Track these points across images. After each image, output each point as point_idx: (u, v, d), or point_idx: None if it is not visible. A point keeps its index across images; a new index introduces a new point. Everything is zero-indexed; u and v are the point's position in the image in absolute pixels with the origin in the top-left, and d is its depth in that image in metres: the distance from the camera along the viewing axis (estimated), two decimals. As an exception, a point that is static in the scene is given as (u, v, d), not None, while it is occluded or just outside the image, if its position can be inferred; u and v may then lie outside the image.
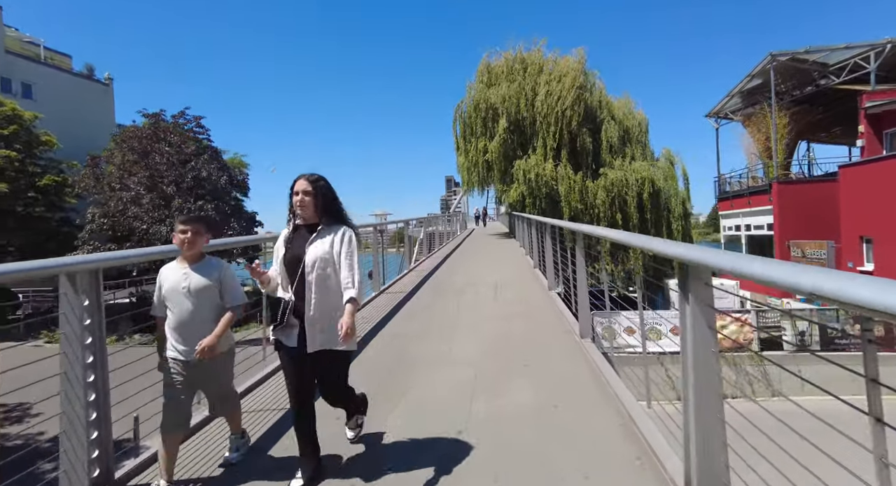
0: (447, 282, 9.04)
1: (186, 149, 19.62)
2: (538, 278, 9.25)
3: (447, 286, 8.47)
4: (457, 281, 9.03)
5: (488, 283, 8.65)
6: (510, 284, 8.62)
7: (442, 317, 6.02)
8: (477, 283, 8.69)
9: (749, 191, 18.49)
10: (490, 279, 9.15)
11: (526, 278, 9.43)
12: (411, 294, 7.88)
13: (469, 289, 8.07)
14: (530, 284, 8.62)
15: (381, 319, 6.03)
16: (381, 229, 12.64)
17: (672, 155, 21.72)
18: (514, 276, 9.67)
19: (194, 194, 19.08)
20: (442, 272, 10.62)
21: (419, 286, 8.66)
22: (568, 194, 20.34)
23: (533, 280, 9.03)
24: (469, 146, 21.85)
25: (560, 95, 20.87)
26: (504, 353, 4.49)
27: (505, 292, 7.76)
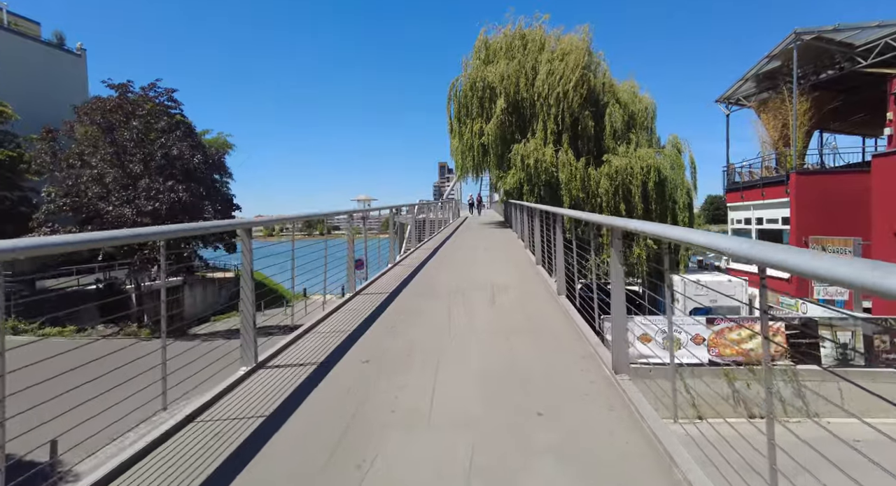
0: (436, 281, 7.73)
1: (156, 124, 17.99)
2: (542, 277, 7.97)
3: (436, 287, 7.15)
4: (447, 280, 7.71)
5: (483, 283, 7.35)
6: (509, 285, 7.33)
7: (426, 332, 4.71)
8: (470, 283, 7.39)
9: (763, 182, 17.30)
10: (485, 278, 7.85)
11: (527, 277, 8.14)
12: (392, 297, 6.56)
13: (461, 291, 6.76)
14: (533, 285, 7.32)
15: (349, 334, 4.70)
16: (364, 216, 11.30)
17: (679, 142, 20.40)
18: (514, 274, 8.38)
19: (164, 174, 17.51)
20: (431, 267, 9.31)
21: (403, 286, 7.34)
22: (569, 182, 19.02)
23: (536, 280, 7.74)
24: (464, 128, 20.38)
25: (563, 74, 19.42)
26: (509, 394, 3.20)
27: (503, 296, 6.46)
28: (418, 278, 8.03)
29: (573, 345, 4.26)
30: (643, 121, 20.99)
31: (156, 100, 18.79)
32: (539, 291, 6.87)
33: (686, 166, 20.00)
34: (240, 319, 3.79)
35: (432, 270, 9.00)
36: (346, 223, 7.19)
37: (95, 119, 17.20)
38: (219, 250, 22.69)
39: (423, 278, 8.05)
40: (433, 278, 7.99)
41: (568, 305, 5.91)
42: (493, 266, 9.37)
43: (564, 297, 6.33)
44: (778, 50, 16.06)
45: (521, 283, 7.58)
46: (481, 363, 3.77)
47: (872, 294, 1.03)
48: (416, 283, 7.63)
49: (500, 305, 5.94)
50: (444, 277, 8.14)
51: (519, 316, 5.29)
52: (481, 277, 8.05)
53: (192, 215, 18.71)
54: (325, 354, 4.08)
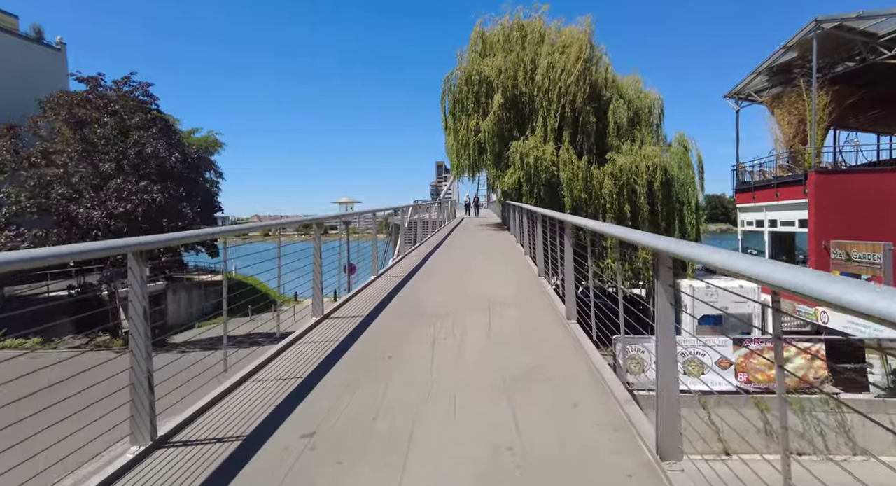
0: (424, 298, 6.62)
1: (130, 120, 16.81)
2: (545, 291, 6.88)
3: (422, 307, 6.04)
4: (436, 297, 6.61)
5: (479, 300, 6.26)
6: (509, 302, 6.23)
7: (399, 385, 3.58)
8: (462, 301, 6.29)
9: (777, 181, 16.24)
10: (481, 292, 6.76)
11: (529, 290, 7.05)
12: (367, 322, 5.45)
13: (451, 313, 5.66)
14: (537, 303, 6.23)
15: (296, 386, 3.58)
16: (347, 222, 10.24)
17: (686, 140, 19.36)
18: (513, 286, 7.29)
19: (138, 173, 16.33)
20: (420, 279, 8.20)
21: (383, 305, 6.23)
22: (570, 182, 17.94)
23: (539, 296, 6.65)
24: (459, 125, 19.26)
25: (564, 68, 18.33)
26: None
27: (502, 320, 5.36)
28: (403, 294, 6.92)
29: (596, 408, 3.15)
30: (648, 117, 19.94)
31: (130, 94, 17.63)
32: (544, 312, 5.77)
33: (694, 165, 18.95)
34: (130, 390, 2.67)
35: (421, 282, 7.89)
36: (316, 230, 6.07)
37: (62, 114, 16.03)
38: (201, 253, 21.52)
39: (409, 294, 6.94)
40: (421, 294, 6.89)
41: (580, 333, 4.82)
42: (490, 276, 8.28)
43: (575, 323, 5.24)
44: (795, 40, 15.00)
45: (522, 299, 6.49)
46: (470, 443, 2.66)
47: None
48: (399, 301, 6.52)
49: (498, 335, 4.83)
50: (433, 292, 7.04)
51: (522, 355, 4.18)
52: (477, 291, 6.95)
53: (169, 218, 17.57)
54: (252, 421, 2.97)
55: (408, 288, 7.37)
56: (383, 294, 6.90)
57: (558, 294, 6.90)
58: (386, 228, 22.17)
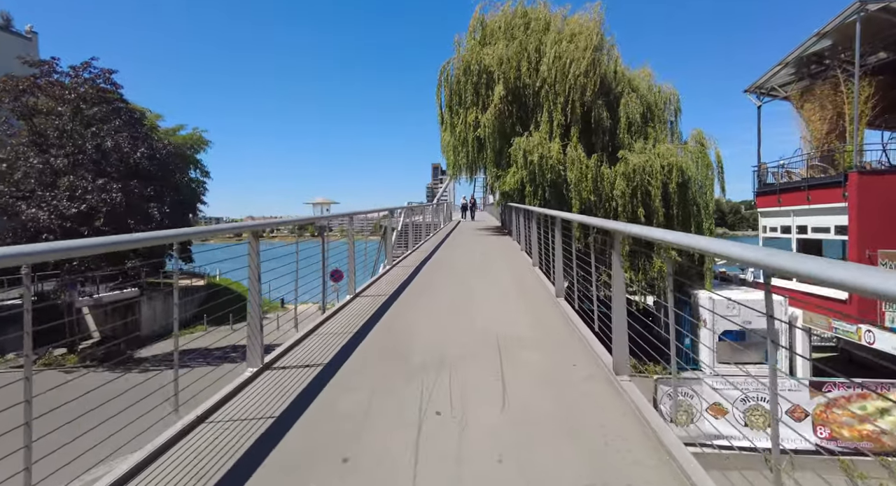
0: (408, 334, 4.91)
1: (89, 110, 15.04)
2: (568, 320, 5.22)
3: (405, 350, 4.34)
4: (425, 333, 4.91)
5: (483, 337, 4.59)
6: (525, 339, 4.56)
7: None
8: (461, 338, 4.61)
9: (808, 183, 14.65)
10: (485, 323, 5.10)
11: (548, 319, 5.37)
12: (325, 376, 3.75)
13: (446, 362, 3.97)
14: (564, 343, 4.55)
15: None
16: (323, 226, 8.54)
17: (703, 137, 17.76)
18: (526, 314, 5.61)
19: (95, 169, 14.55)
20: (406, 301, 6.50)
21: (352, 345, 4.53)
22: (579, 182, 16.30)
23: (563, 329, 4.97)
24: (456, 120, 17.59)
25: (573, 58, 16.70)
26: None
27: (520, 374, 3.70)
28: (384, 326, 5.21)
29: None
30: (662, 113, 18.35)
31: (91, 82, 15.87)
32: (578, 357, 4.08)
33: (713, 165, 17.37)
34: None
35: (408, 305, 6.18)
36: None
37: (5, 102, 14.24)
38: (173, 258, 19.64)
39: (392, 325, 5.23)
40: (406, 325, 5.18)
41: (641, 401, 3.16)
42: (494, 296, 6.58)
43: (629, 380, 3.58)
44: (832, 26, 13.45)
45: (541, 334, 4.81)
46: None
47: None
48: (377, 337, 4.81)
49: (519, 405, 3.14)
50: (423, 322, 5.33)
51: (567, 458, 2.48)
52: (480, 319, 5.27)
53: (136, 219, 15.80)
54: None
55: (391, 315, 5.66)
56: (357, 325, 5.20)
57: (584, 320, 5.25)
58: (380, 230, 20.51)
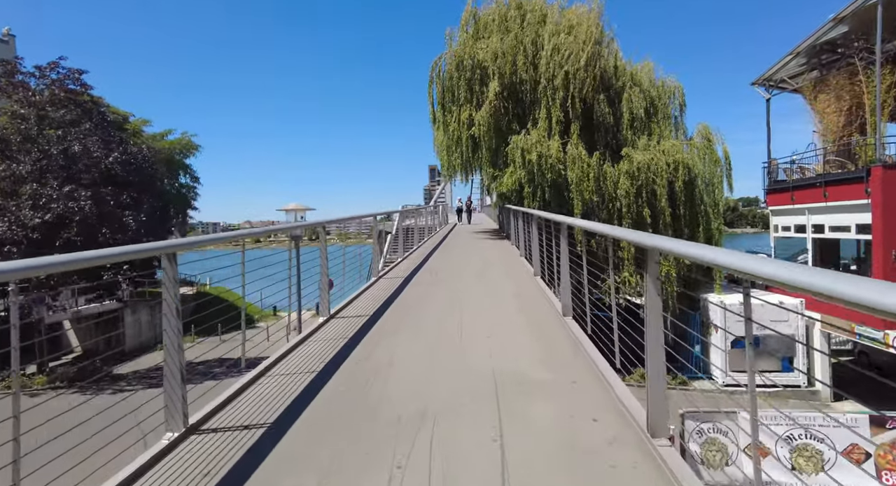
0: (383, 378, 3.94)
1: (55, 113, 14.07)
2: (581, 350, 4.28)
3: (375, 401, 3.38)
4: (404, 376, 3.96)
5: (475, 379, 3.65)
6: (530, 384, 3.62)
7: None
8: (449, 382, 3.66)
9: (825, 179, 13.75)
10: (478, 358, 4.16)
11: (557, 348, 4.42)
12: (265, 449, 2.79)
13: (427, 419, 3.03)
14: (580, 383, 3.60)
15: None
16: (295, 236, 7.58)
17: (710, 132, 16.91)
18: (530, 343, 4.66)
19: (63, 176, 13.58)
20: (386, 328, 5.54)
21: (311, 392, 3.57)
22: (580, 182, 15.40)
23: (576, 362, 4.02)
24: (449, 118, 16.66)
25: (571, 51, 15.82)
26: None
27: (527, 438, 2.74)
28: (352, 363, 4.25)
29: None
30: (666, 108, 17.49)
31: (60, 83, 14.88)
32: (595, 410, 3.13)
33: (721, 161, 16.49)
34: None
35: (388, 333, 5.21)
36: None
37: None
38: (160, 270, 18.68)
39: (362, 364, 4.26)
40: (380, 365, 4.20)
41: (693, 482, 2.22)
42: (491, 319, 5.62)
43: (668, 445, 2.63)
44: (850, 10, 12.57)
45: (547, 373, 3.85)
46: None
47: None
48: (340, 381, 3.84)
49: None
50: (402, 357, 4.36)
51: None
52: (473, 355, 4.31)
53: (112, 228, 14.82)
54: None
55: (366, 345, 4.70)
56: (322, 359, 4.25)
57: (598, 346, 4.32)
58: (375, 235, 19.60)
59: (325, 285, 5.78)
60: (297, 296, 7.46)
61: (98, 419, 3.08)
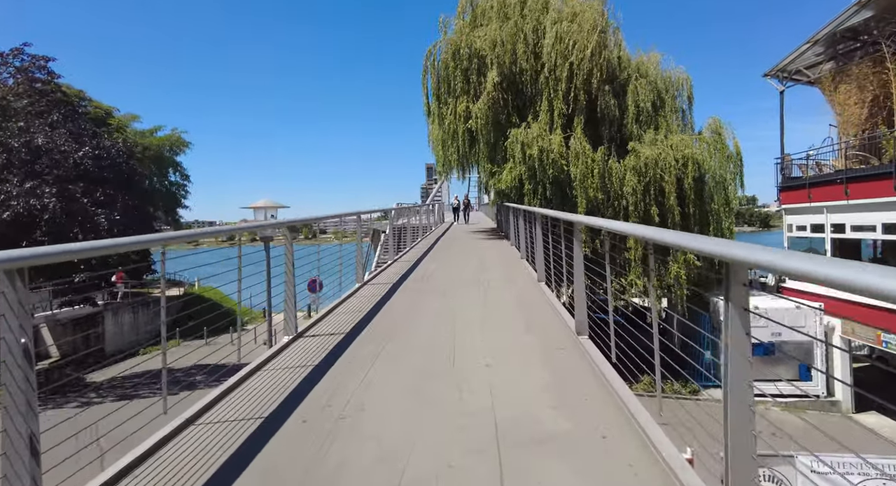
0: (344, 441, 2.99)
1: (17, 103, 13.03)
2: (603, 381, 3.35)
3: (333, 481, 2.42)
4: (378, 436, 3.01)
5: (475, 436, 2.72)
6: (545, 439, 2.67)
7: None
8: (437, 441, 2.70)
9: (846, 176, 12.86)
10: (476, 401, 3.23)
11: (572, 386, 3.48)
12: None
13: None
14: (607, 443, 2.65)
15: None
16: (266, 238, 6.73)
17: (721, 126, 15.96)
18: (541, 374, 3.72)
19: (25, 171, 12.56)
20: (360, 353, 4.59)
21: (227, 480, 2.61)
22: (584, 179, 14.47)
23: (598, 408, 3.08)
24: (444, 110, 15.69)
25: (576, 39, 14.86)
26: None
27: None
28: (309, 410, 3.31)
29: None
30: (674, 101, 16.56)
31: (25, 71, 13.84)
32: (634, 463, 2.19)
33: (734, 157, 15.57)
34: None
35: (362, 361, 4.25)
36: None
37: None
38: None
39: (324, 413, 3.31)
40: (350, 412, 3.25)
41: None
42: (490, 340, 4.67)
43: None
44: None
45: (567, 420, 2.92)
46: None
47: None
48: (289, 436, 2.89)
49: None
50: (381, 399, 3.41)
51: None
52: (469, 393, 3.37)
53: (84, 227, 13.79)
54: None
55: (331, 380, 3.74)
56: (275, 399, 3.30)
57: (620, 371, 3.40)
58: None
59: (292, 296, 4.81)
60: (268, 304, 6.46)
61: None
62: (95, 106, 25.79)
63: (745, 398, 1.88)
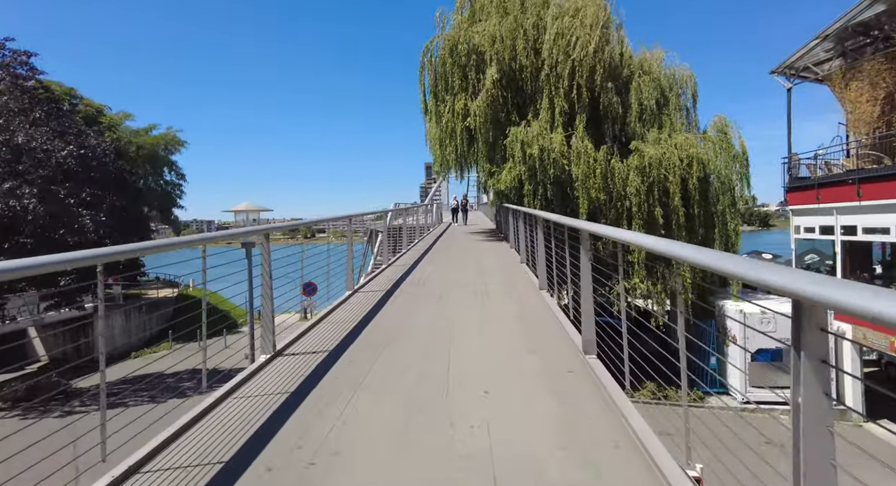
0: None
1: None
2: (621, 418, 2.88)
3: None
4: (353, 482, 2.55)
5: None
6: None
7: None
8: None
9: (858, 176, 12.42)
10: (472, 442, 2.76)
11: (583, 422, 3.02)
12: None
13: None
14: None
15: None
16: (247, 243, 6.25)
17: (727, 124, 15.52)
18: (546, 403, 3.26)
19: (5, 171, 12.04)
20: (342, 383, 4.14)
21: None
22: (586, 179, 14.02)
23: (615, 449, 2.62)
24: (442, 108, 15.22)
25: (578, 36, 14.39)
26: None
27: None
28: (275, 455, 2.85)
29: None
30: (677, 99, 16.11)
31: (6, 67, 13.32)
32: None
33: (740, 156, 15.13)
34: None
35: (343, 390, 3.81)
36: None
37: None
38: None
39: (292, 457, 2.86)
40: (322, 457, 2.80)
41: None
42: (491, 361, 4.23)
43: None
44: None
45: (583, 456, 2.47)
46: None
47: None
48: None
49: None
50: (360, 440, 2.96)
51: None
52: (468, 433, 2.91)
53: (68, 229, 13.32)
54: None
55: (306, 412, 3.29)
56: (238, 438, 2.86)
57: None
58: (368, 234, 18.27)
59: (269, 311, 4.35)
60: (251, 316, 5.90)
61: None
62: (86, 104, 25.27)
63: (828, 474, 1.42)
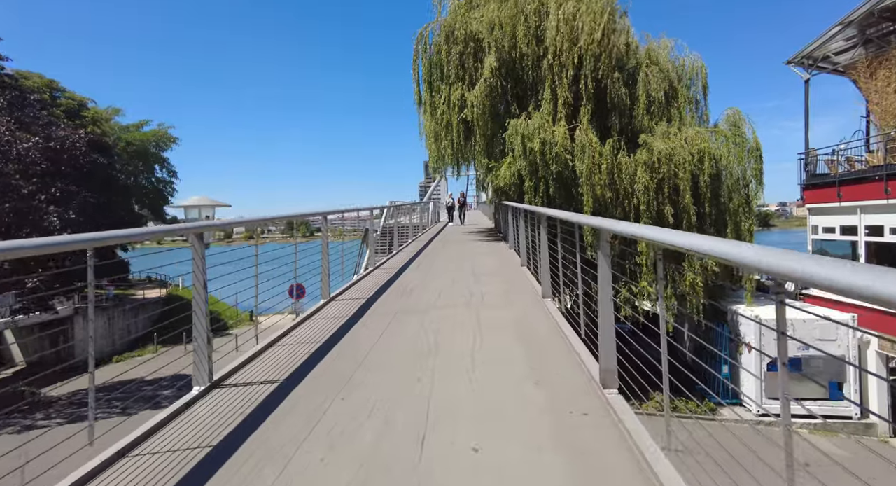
0: None
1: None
2: (640, 467, 1.94)
3: None
4: None
5: None
6: None
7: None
8: None
9: (886, 172, 11.51)
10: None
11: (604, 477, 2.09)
12: None
13: None
14: None
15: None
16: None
17: (741, 118, 14.58)
18: (556, 451, 2.33)
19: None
20: (293, 429, 3.24)
21: None
22: (591, 175, 13.09)
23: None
24: (437, 99, 14.27)
25: (584, 22, 13.46)
26: None
27: None
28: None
29: None
30: (687, 91, 15.17)
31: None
32: None
33: (754, 152, 14.20)
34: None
35: (291, 439, 2.91)
36: None
37: None
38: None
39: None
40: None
41: None
42: (486, 398, 3.31)
43: None
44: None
45: None
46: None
47: None
48: None
49: None
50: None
51: None
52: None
53: (32, 227, 12.36)
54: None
55: (233, 476, 2.37)
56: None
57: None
58: (367, 235, 17.35)
59: (204, 332, 3.44)
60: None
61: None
62: (68, 96, 24.28)
63: None
